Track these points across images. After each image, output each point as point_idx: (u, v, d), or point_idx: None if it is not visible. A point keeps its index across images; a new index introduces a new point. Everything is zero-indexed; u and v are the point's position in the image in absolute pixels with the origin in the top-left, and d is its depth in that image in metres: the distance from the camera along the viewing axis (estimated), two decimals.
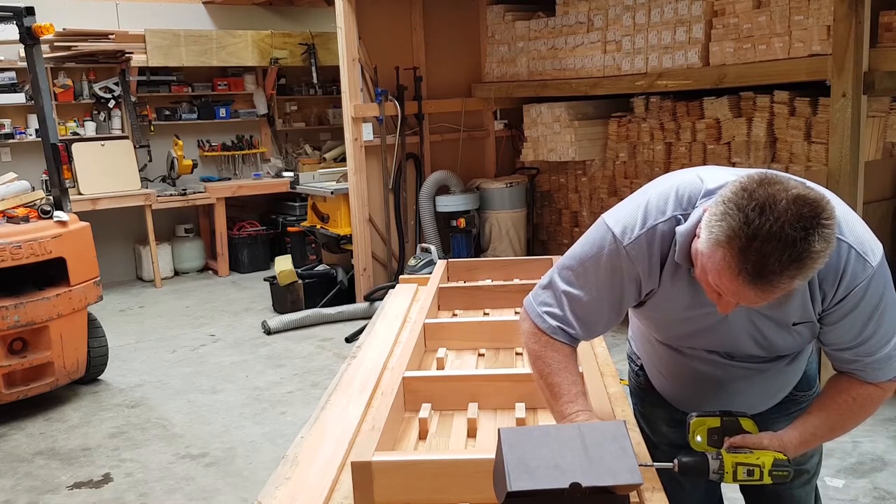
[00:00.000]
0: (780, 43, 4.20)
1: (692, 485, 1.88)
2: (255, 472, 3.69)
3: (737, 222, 1.25)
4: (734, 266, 1.26)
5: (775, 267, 1.23)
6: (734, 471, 1.47)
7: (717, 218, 1.28)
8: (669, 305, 1.54)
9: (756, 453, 1.48)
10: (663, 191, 1.50)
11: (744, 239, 1.24)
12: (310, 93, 8.61)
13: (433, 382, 1.81)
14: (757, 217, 1.23)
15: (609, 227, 1.50)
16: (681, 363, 1.70)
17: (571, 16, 5.56)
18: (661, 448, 1.85)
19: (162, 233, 7.74)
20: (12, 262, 4.14)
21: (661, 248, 1.47)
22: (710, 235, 1.29)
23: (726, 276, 1.29)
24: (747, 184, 1.28)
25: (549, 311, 1.56)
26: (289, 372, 5.05)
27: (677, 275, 1.49)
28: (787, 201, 1.24)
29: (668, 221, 1.46)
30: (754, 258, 1.24)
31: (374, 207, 6.33)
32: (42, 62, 4.63)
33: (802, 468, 1.87)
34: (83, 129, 7.49)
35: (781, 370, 1.68)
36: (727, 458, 1.48)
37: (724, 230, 1.27)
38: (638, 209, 1.50)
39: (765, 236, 1.23)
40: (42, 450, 4.04)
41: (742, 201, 1.26)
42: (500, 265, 2.87)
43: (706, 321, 1.54)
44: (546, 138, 5.82)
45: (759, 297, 1.30)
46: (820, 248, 1.24)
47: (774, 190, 1.25)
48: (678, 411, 1.80)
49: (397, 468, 1.39)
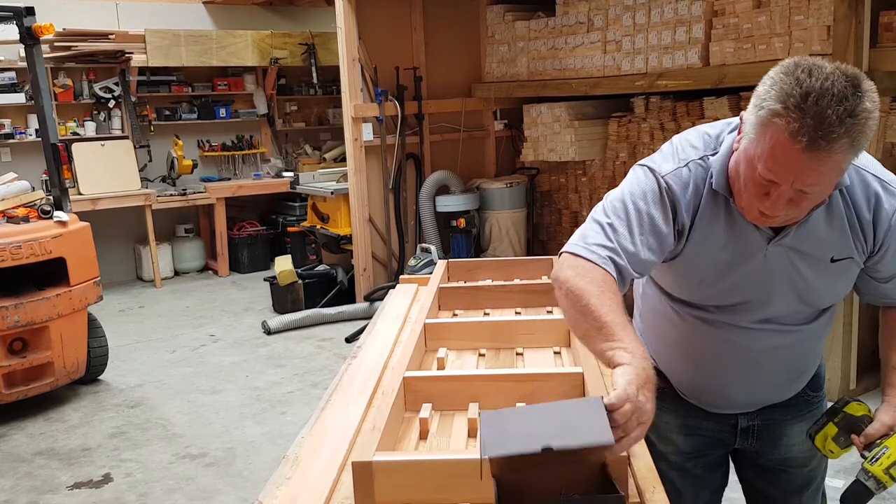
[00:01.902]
0: (780, 43, 4.20)
1: (694, 494, 1.86)
2: (255, 472, 3.69)
3: (788, 85, 1.29)
4: (793, 126, 1.27)
5: (833, 119, 1.25)
6: (889, 476, 1.48)
7: (766, 92, 1.32)
8: (706, 245, 1.53)
9: (890, 444, 1.49)
10: (692, 135, 1.57)
11: (798, 97, 1.27)
12: (310, 93, 8.62)
13: (434, 382, 1.81)
14: (807, 77, 1.28)
15: (644, 165, 1.56)
16: (709, 337, 1.64)
17: (571, 16, 5.56)
18: (669, 458, 1.82)
19: (162, 233, 7.75)
20: (12, 262, 4.15)
21: (695, 184, 1.50)
22: (760, 112, 1.32)
23: (783, 145, 1.29)
24: (789, 59, 1.34)
25: (597, 243, 1.47)
26: (289, 372, 5.05)
27: (714, 212, 1.51)
28: (832, 66, 1.30)
29: (699, 161, 1.51)
30: (812, 111, 1.26)
31: (374, 207, 6.33)
32: (42, 62, 4.64)
33: (811, 476, 1.85)
34: (83, 129, 7.50)
35: (808, 342, 1.67)
36: (874, 470, 1.48)
37: (775, 96, 1.30)
38: (669, 151, 1.56)
39: (819, 91, 1.26)
40: (42, 450, 4.04)
41: (789, 69, 1.31)
42: (500, 265, 2.87)
43: (744, 266, 1.53)
44: (546, 138, 5.82)
45: (816, 162, 1.30)
46: (870, 107, 1.28)
47: (817, 61, 1.32)
48: (690, 416, 1.77)
49: (398, 468, 1.39)
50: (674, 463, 1.82)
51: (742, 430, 1.78)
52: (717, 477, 1.89)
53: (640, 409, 1.22)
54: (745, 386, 1.69)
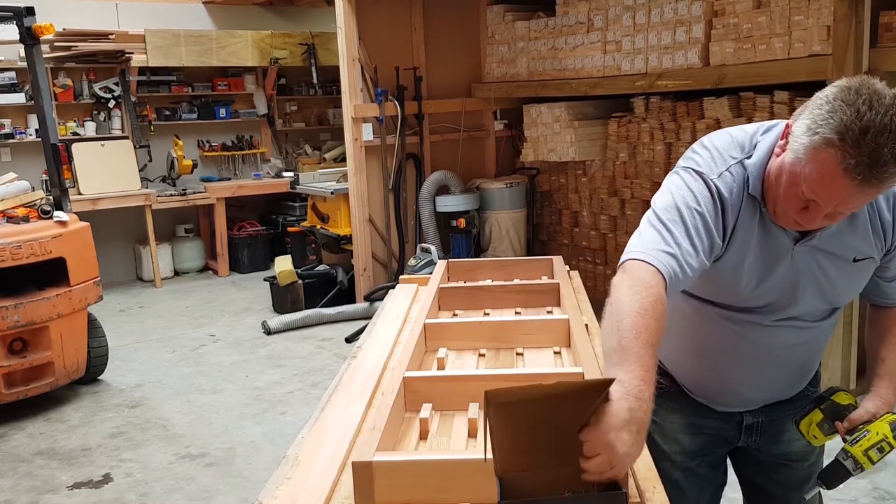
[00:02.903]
0: (780, 43, 4.20)
1: (696, 493, 1.86)
2: (255, 472, 3.69)
3: (848, 116, 1.27)
4: (848, 162, 1.27)
5: (888, 158, 1.26)
6: (868, 458, 1.50)
7: (824, 117, 1.30)
8: (743, 248, 1.53)
9: (872, 428, 1.51)
10: (726, 140, 1.54)
11: (857, 132, 1.26)
12: (310, 93, 8.61)
13: (434, 382, 1.80)
14: (868, 111, 1.26)
15: (689, 169, 1.51)
16: (729, 335, 1.64)
17: (571, 16, 5.56)
18: (673, 458, 1.82)
19: (162, 233, 7.74)
20: (12, 262, 4.14)
21: (738, 188, 1.50)
22: (814, 137, 1.31)
23: (834, 175, 1.30)
24: (850, 84, 1.32)
25: (658, 249, 1.41)
26: (289, 372, 5.05)
27: (751, 216, 1.52)
28: (892, 97, 1.29)
29: (738, 164, 1.51)
30: (869, 149, 1.26)
31: (374, 207, 6.33)
32: (42, 62, 4.63)
33: (810, 470, 1.84)
34: (83, 129, 7.50)
35: (821, 338, 1.69)
36: (854, 451, 1.51)
37: (833, 127, 1.28)
38: (710, 155, 1.52)
39: (878, 128, 1.26)
40: (42, 450, 4.04)
41: (849, 97, 1.29)
42: (500, 265, 2.87)
43: (772, 267, 1.54)
44: (546, 138, 5.82)
45: (864, 194, 1.32)
46: None
47: (877, 88, 1.30)
48: (695, 415, 1.78)
49: (398, 468, 1.39)
50: (678, 463, 1.82)
51: (747, 427, 1.78)
52: (719, 476, 1.90)
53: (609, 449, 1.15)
54: (757, 383, 1.70)
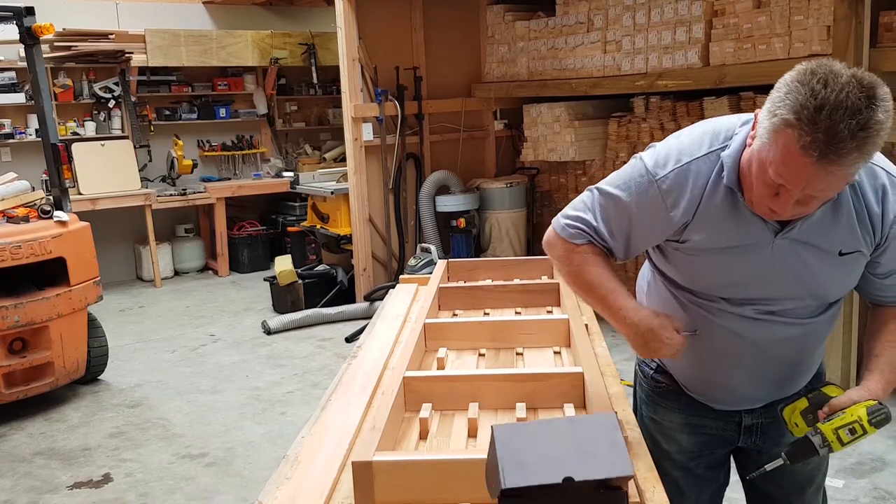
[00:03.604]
0: (780, 43, 4.20)
1: (696, 493, 1.86)
2: (255, 472, 3.69)
3: (803, 96, 1.29)
4: (804, 140, 1.29)
5: (844, 134, 1.27)
6: (837, 437, 1.50)
7: (780, 99, 1.33)
8: (711, 237, 1.55)
9: (848, 410, 1.51)
10: (697, 132, 1.58)
11: (812, 109, 1.28)
12: (310, 93, 8.62)
13: (434, 382, 1.81)
14: (822, 89, 1.28)
15: (644, 163, 1.57)
16: (716, 328, 1.65)
17: (571, 16, 5.56)
18: (673, 458, 1.82)
19: (162, 233, 7.74)
20: (12, 262, 4.14)
21: (694, 183, 1.53)
22: (773, 119, 1.33)
23: (794, 155, 1.31)
24: (807, 66, 1.33)
25: (578, 228, 1.64)
26: (289, 372, 5.05)
27: (720, 205, 1.52)
28: (848, 76, 1.29)
29: (702, 158, 1.53)
30: (825, 126, 1.27)
31: (374, 207, 6.33)
32: (42, 62, 4.63)
33: (812, 474, 1.85)
34: (83, 129, 7.50)
35: (814, 335, 1.67)
36: (825, 428, 1.51)
37: (790, 106, 1.30)
38: (672, 148, 1.57)
39: (832, 105, 1.26)
40: (42, 450, 4.04)
41: (805, 77, 1.31)
42: (500, 265, 2.87)
43: (750, 258, 1.54)
44: (546, 138, 5.82)
45: (825, 173, 1.32)
46: (882, 118, 1.29)
47: (834, 68, 1.31)
48: (695, 415, 1.78)
49: (398, 468, 1.39)
50: (678, 462, 1.82)
51: (746, 427, 1.78)
52: (720, 476, 1.89)
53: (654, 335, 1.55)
54: (750, 380, 1.69)
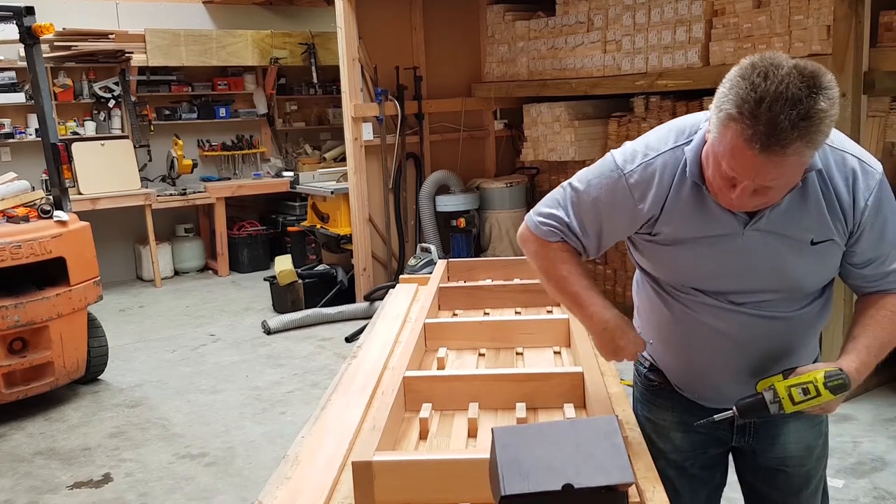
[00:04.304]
0: (780, 43, 4.20)
1: (692, 493, 1.86)
2: (255, 472, 3.69)
3: (744, 90, 1.32)
4: (747, 133, 1.32)
5: (785, 125, 1.29)
6: (789, 394, 1.49)
7: (724, 94, 1.36)
8: (679, 229, 1.57)
9: (806, 373, 1.50)
10: (664, 128, 1.62)
11: (752, 103, 1.31)
12: (310, 93, 8.61)
13: (434, 382, 1.81)
14: (762, 81, 1.31)
15: (614, 158, 1.62)
16: (695, 323, 1.65)
17: (571, 16, 5.56)
18: (668, 456, 1.82)
19: (162, 233, 7.74)
20: (12, 261, 4.14)
21: (661, 177, 1.56)
22: (719, 114, 1.36)
23: (740, 148, 1.34)
24: (752, 60, 1.36)
25: (550, 226, 1.67)
26: (289, 372, 5.05)
27: (687, 199, 1.55)
28: (789, 67, 1.32)
29: (667, 153, 1.56)
30: (765, 118, 1.29)
31: (374, 207, 6.33)
32: (42, 62, 4.63)
33: (808, 476, 1.84)
34: (83, 129, 7.49)
35: (797, 330, 1.66)
36: (779, 385, 1.50)
37: (732, 101, 1.34)
38: (640, 144, 1.61)
39: (772, 96, 1.29)
40: (42, 450, 4.04)
41: (746, 72, 1.34)
42: (500, 265, 2.87)
43: (722, 248, 1.56)
44: (546, 138, 5.82)
45: (773, 164, 1.34)
46: (825, 107, 1.30)
47: (775, 60, 1.34)
48: (686, 413, 1.77)
49: (398, 468, 1.39)
50: (672, 461, 1.82)
51: (738, 427, 1.78)
52: (716, 476, 1.89)
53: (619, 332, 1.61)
54: (735, 377, 1.68)
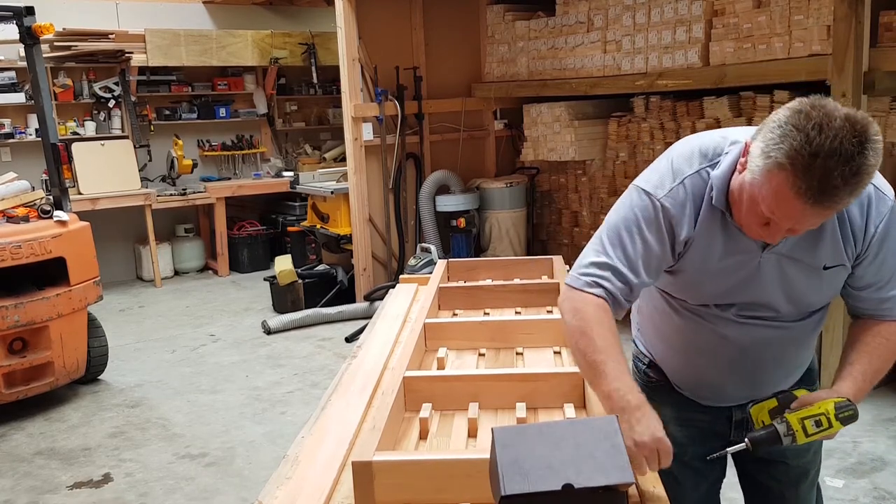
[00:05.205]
0: (780, 43, 4.20)
1: (692, 485, 1.87)
2: (255, 472, 3.69)
3: (798, 142, 1.29)
4: (798, 185, 1.30)
5: (838, 182, 1.28)
6: (802, 427, 1.50)
7: (776, 141, 1.33)
8: (705, 255, 1.57)
9: (816, 404, 1.51)
10: (686, 150, 1.58)
11: (806, 157, 1.28)
12: (310, 93, 8.62)
13: (434, 382, 1.81)
14: (817, 135, 1.28)
15: (640, 188, 1.57)
16: (702, 330, 1.68)
17: (571, 16, 5.56)
18: None
19: (162, 233, 7.74)
20: (12, 261, 4.14)
21: (693, 199, 1.54)
22: (767, 160, 1.34)
23: (786, 197, 1.33)
24: (801, 106, 1.33)
25: (593, 276, 1.54)
26: (289, 372, 5.05)
27: (712, 224, 1.54)
28: (841, 119, 1.29)
29: (694, 175, 1.53)
30: (819, 174, 1.28)
31: (374, 207, 6.33)
32: (42, 62, 4.63)
33: (806, 468, 1.87)
34: (83, 129, 7.49)
35: (798, 338, 1.69)
36: (791, 417, 1.51)
37: (784, 151, 1.31)
38: (665, 168, 1.57)
39: (827, 153, 1.27)
40: (42, 450, 4.04)
41: (800, 122, 1.31)
42: (500, 265, 2.87)
43: (738, 272, 1.57)
44: (546, 138, 5.82)
45: (818, 214, 1.35)
46: (874, 162, 1.30)
47: (827, 110, 1.31)
48: (686, 409, 1.79)
49: (398, 468, 1.39)
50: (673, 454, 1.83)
51: (736, 422, 1.80)
52: (716, 470, 1.91)
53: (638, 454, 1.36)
54: (736, 379, 1.71)
